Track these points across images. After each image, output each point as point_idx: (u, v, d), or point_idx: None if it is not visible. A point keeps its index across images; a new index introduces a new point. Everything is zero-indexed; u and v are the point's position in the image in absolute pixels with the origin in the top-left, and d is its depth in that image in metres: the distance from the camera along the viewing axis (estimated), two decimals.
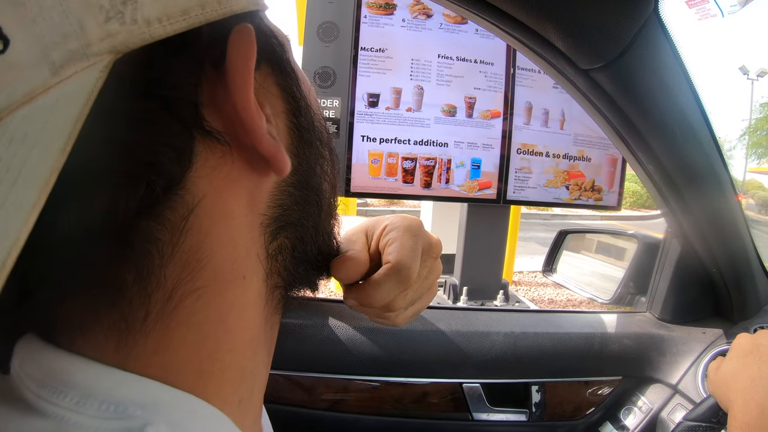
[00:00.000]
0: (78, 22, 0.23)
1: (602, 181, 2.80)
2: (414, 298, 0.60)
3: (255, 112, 0.32)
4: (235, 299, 0.34)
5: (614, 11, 0.60)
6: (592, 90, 0.73)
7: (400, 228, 0.57)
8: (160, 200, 0.29)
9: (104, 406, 0.28)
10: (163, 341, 0.30)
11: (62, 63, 0.23)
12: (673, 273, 1.08)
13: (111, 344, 0.29)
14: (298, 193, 0.39)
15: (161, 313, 0.30)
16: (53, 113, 0.23)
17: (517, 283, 5.95)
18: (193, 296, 0.31)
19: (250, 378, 0.38)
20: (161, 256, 0.29)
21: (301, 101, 0.40)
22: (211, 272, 0.32)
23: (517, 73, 2.62)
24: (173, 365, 0.31)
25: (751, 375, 0.71)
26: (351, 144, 2.40)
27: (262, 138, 0.32)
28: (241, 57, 0.31)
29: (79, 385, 0.28)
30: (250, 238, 0.35)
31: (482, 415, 1.00)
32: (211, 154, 0.31)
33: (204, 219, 0.31)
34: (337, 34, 2.34)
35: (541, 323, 1.07)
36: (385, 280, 0.54)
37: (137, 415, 0.28)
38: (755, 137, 27.77)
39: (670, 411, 1.00)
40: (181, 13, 0.27)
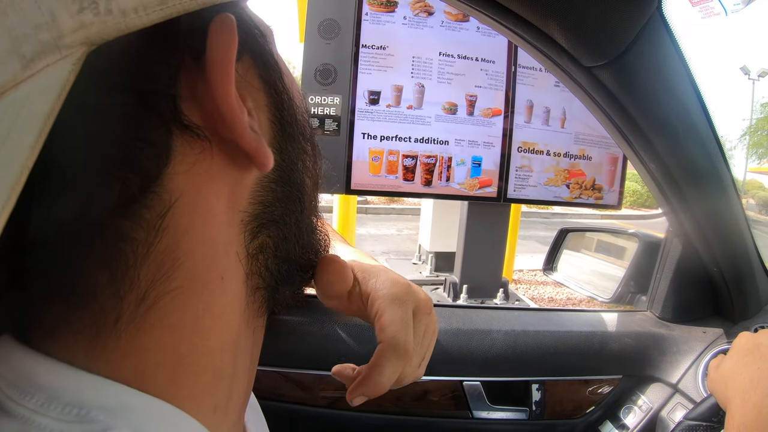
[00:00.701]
0: (50, 12, 0.22)
1: (603, 180, 2.80)
2: (419, 360, 0.59)
3: (236, 106, 0.31)
4: (212, 300, 0.33)
5: (618, 9, 0.60)
6: (594, 88, 0.72)
7: (387, 297, 0.56)
8: (135, 199, 0.28)
9: (67, 409, 0.27)
10: (135, 344, 0.29)
11: (33, 56, 0.22)
12: (674, 272, 1.08)
13: (81, 347, 0.29)
14: (280, 189, 0.38)
15: (134, 316, 0.29)
16: (24, 108, 0.22)
17: (517, 282, 5.95)
18: (167, 297, 0.30)
19: (228, 383, 0.37)
20: (135, 256, 0.29)
21: (284, 94, 0.39)
22: (187, 272, 0.31)
23: (518, 71, 2.62)
24: (145, 369, 0.30)
25: (750, 375, 0.70)
26: (351, 141, 2.40)
27: (244, 132, 0.31)
28: (221, 48, 0.29)
29: (45, 386, 0.27)
30: (229, 236, 0.34)
31: (482, 413, 1.00)
32: (190, 149, 0.30)
33: (181, 217, 0.30)
34: (339, 31, 2.34)
35: (541, 321, 1.07)
36: (386, 362, 0.52)
37: (100, 419, 0.27)
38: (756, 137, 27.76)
39: (670, 410, 1.00)
40: (158, 3, 0.25)
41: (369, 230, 9.15)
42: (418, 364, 0.58)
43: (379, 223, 10.02)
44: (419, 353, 0.58)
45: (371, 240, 8.29)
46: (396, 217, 10.94)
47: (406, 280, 0.60)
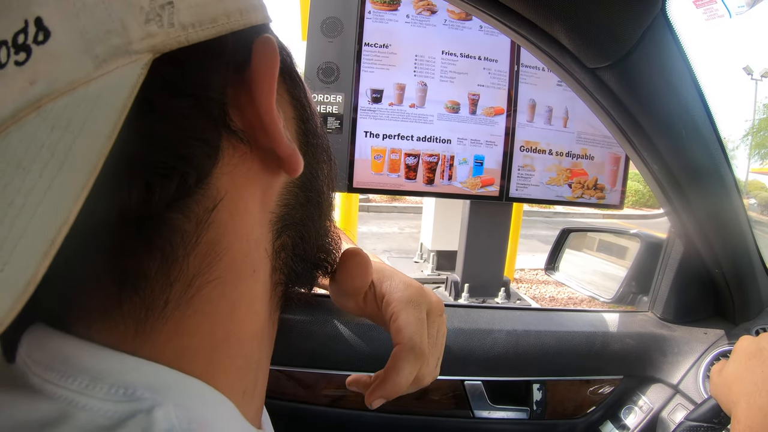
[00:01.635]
0: (120, 20, 0.25)
1: (605, 180, 2.80)
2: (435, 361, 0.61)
3: (276, 116, 0.34)
4: (246, 291, 0.36)
5: (622, 10, 0.60)
6: (598, 89, 0.72)
7: (401, 300, 0.59)
8: (190, 193, 0.30)
9: (113, 390, 0.28)
10: (179, 328, 0.32)
11: (105, 57, 0.25)
12: (676, 273, 1.08)
13: (130, 330, 0.30)
14: (303, 194, 0.41)
15: (180, 301, 0.31)
16: (98, 103, 0.25)
17: (518, 281, 5.95)
18: (209, 286, 0.33)
19: (255, 369, 0.39)
20: (185, 246, 0.31)
21: (308, 108, 0.42)
22: (227, 264, 0.33)
23: (521, 70, 2.62)
24: (186, 352, 0.32)
25: (754, 379, 0.70)
26: (354, 140, 2.40)
27: (282, 140, 0.34)
28: (266, 64, 0.33)
29: (89, 369, 0.29)
30: (260, 234, 0.37)
31: (483, 413, 1.00)
32: (234, 152, 0.33)
33: (224, 214, 0.33)
34: (341, 29, 2.34)
35: (543, 321, 1.07)
36: (403, 364, 0.55)
37: (146, 397, 0.29)
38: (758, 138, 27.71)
39: (670, 411, 1.00)
40: (210, 21, 0.29)
41: (371, 228, 9.15)
42: (435, 364, 0.61)
43: (380, 221, 10.02)
44: (434, 354, 0.61)
45: (373, 238, 8.29)
46: (398, 216, 10.95)
47: (419, 283, 0.62)
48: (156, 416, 0.28)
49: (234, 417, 0.34)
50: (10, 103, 0.24)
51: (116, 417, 0.27)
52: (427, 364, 0.58)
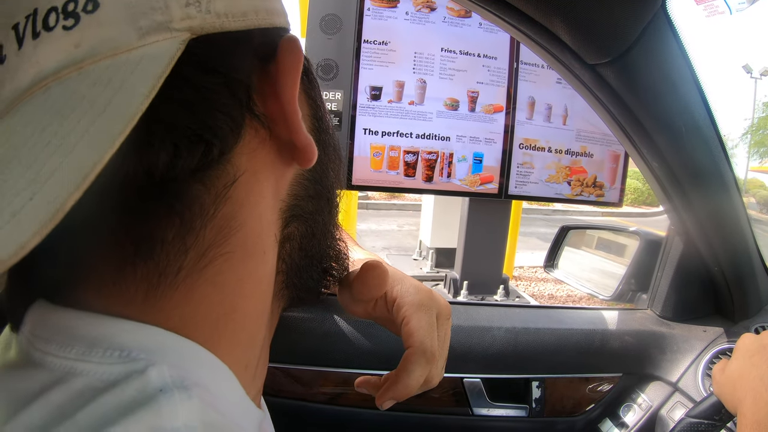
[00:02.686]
0: (164, 0, 0.29)
1: (604, 178, 2.80)
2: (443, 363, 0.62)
3: (297, 108, 0.36)
4: (254, 269, 0.37)
5: (622, 7, 0.60)
6: (598, 85, 0.72)
7: (413, 304, 0.60)
8: (212, 164, 0.32)
9: (108, 353, 0.29)
10: (188, 296, 0.33)
11: (149, 30, 0.28)
12: (675, 271, 1.07)
13: (140, 295, 0.32)
14: (312, 187, 0.43)
15: (192, 270, 0.33)
16: (138, 67, 0.27)
17: (517, 278, 5.95)
18: (222, 258, 0.34)
19: (258, 348, 0.41)
20: (203, 217, 0.32)
21: (321, 108, 0.45)
22: (240, 240, 0.35)
23: (520, 67, 2.62)
24: (192, 319, 0.33)
25: (759, 374, 0.71)
26: (353, 137, 2.40)
27: (301, 129, 0.37)
28: (292, 59, 0.36)
29: (86, 336, 0.30)
30: (271, 218, 0.39)
31: (482, 410, 1.00)
32: (255, 135, 0.35)
33: (241, 192, 0.34)
34: (340, 26, 2.34)
35: (542, 319, 1.07)
36: (415, 366, 0.57)
37: (141, 358, 0.29)
38: (757, 136, 27.65)
39: (669, 409, 1.00)
40: (241, 14, 0.32)
41: (370, 226, 9.15)
42: (442, 366, 0.62)
43: (379, 218, 10.02)
44: (442, 356, 0.62)
45: (372, 235, 8.30)
46: (397, 213, 10.94)
47: (428, 287, 0.64)
48: (150, 375, 0.29)
49: (232, 383, 0.35)
50: (53, 62, 0.27)
51: (111, 379, 0.28)
52: (437, 366, 0.59)
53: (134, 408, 0.27)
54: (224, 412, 0.32)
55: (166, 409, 0.27)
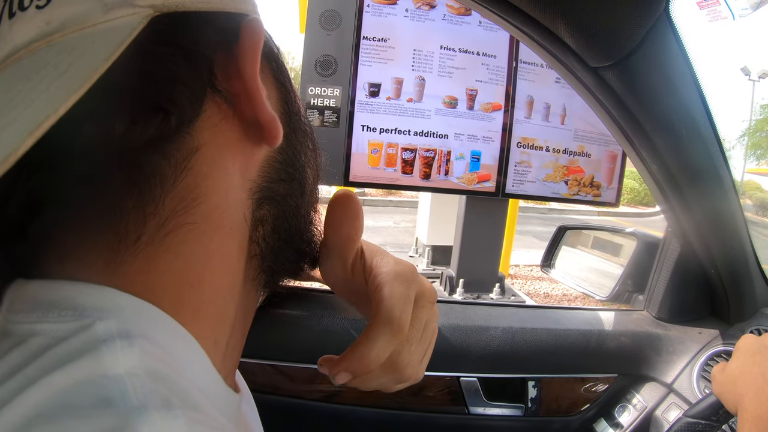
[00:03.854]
0: None
1: (601, 177, 2.81)
2: (422, 351, 0.55)
3: (259, 85, 0.37)
4: (221, 243, 0.38)
5: (626, 10, 0.60)
6: (599, 88, 0.72)
7: (389, 273, 0.53)
8: (170, 135, 0.33)
9: (64, 313, 0.30)
10: (150, 264, 0.34)
11: (113, 6, 0.30)
12: (672, 272, 1.08)
13: (101, 262, 0.33)
14: (284, 170, 0.43)
15: (152, 238, 0.33)
16: (101, 38, 0.30)
17: (513, 277, 5.96)
18: (185, 229, 0.35)
19: (227, 325, 0.41)
20: (163, 186, 0.33)
21: (291, 93, 0.45)
22: (203, 213, 0.35)
23: (519, 66, 2.61)
24: (155, 287, 0.34)
25: (761, 370, 0.71)
26: (351, 133, 2.40)
27: (263, 106, 0.37)
28: (252, 38, 0.36)
29: (45, 301, 0.31)
30: (239, 197, 0.39)
31: (478, 409, 1.01)
32: (217, 111, 0.36)
33: (203, 165, 0.35)
34: (340, 22, 2.33)
35: (539, 319, 1.07)
36: (377, 336, 0.49)
37: (92, 315, 0.30)
38: (754, 138, 27.74)
39: (664, 410, 1.01)
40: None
41: (366, 222, 8.98)
42: (420, 357, 0.55)
43: (376, 215, 10.02)
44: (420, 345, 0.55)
45: (368, 232, 8.29)
46: (393, 210, 10.95)
47: (413, 265, 0.57)
48: (96, 328, 0.30)
49: (194, 350, 0.35)
50: (26, 37, 0.30)
51: (60, 335, 0.29)
52: (409, 350, 0.52)
53: (75, 357, 0.28)
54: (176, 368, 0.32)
55: (107, 356, 0.28)
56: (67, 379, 0.27)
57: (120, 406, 0.26)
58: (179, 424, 0.26)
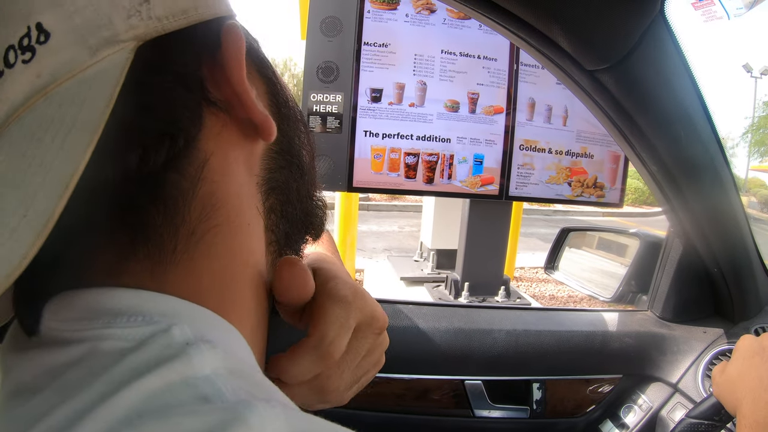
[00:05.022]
0: (107, 17, 0.31)
1: (604, 178, 2.80)
2: (353, 379, 0.54)
3: (248, 88, 0.38)
4: (243, 240, 0.40)
5: (621, 13, 0.61)
6: (597, 91, 0.73)
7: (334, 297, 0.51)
8: (181, 153, 0.35)
9: (132, 319, 0.32)
10: (190, 269, 0.36)
11: (98, 47, 0.31)
12: (675, 272, 1.08)
13: (147, 273, 0.34)
14: (282, 159, 0.46)
15: (187, 246, 0.36)
16: (95, 82, 0.30)
17: (518, 279, 5.96)
18: (211, 233, 0.37)
19: (257, 313, 0.43)
20: (184, 199, 0.35)
21: (277, 84, 0.47)
22: (223, 214, 0.38)
23: (520, 69, 2.62)
24: (199, 289, 0.36)
25: (759, 374, 0.71)
26: (353, 139, 2.40)
27: (254, 107, 0.39)
28: (234, 45, 0.38)
29: (110, 308, 0.32)
30: (250, 192, 0.42)
31: (483, 412, 1.01)
32: (216, 120, 0.38)
33: (214, 173, 0.37)
34: (340, 28, 2.34)
35: (543, 321, 1.07)
36: (301, 356, 0.48)
37: (162, 320, 0.32)
38: (758, 135, 27.60)
39: (669, 409, 1.01)
40: (181, 12, 0.34)
41: (371, 227, 9.15)
42: (350, 384, 0.54)
43: (380, 220, 10.03)
44: (355, 371, 0.54)
45: (373, 237, 8.30)
46: (398, 214, 10.95)
47: (364, 291, 0.56)
48: (173, 332, 0.31)
49: (242, 343, 0.37)
50: (21, 94, 0.30)
51: (137, 339, 0.31)
52: (340, 376, 0.51)
53: (164, 361, 0.29)
54: (247, 364, 0.35)
55: (195, 359, 0.30)
56: (160, 381, 0.28)
57: (218, 403, 0.27)
58: (278, 413, 0.27)
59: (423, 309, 1.05)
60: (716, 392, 0.77)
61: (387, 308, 1.02)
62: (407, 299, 1.06)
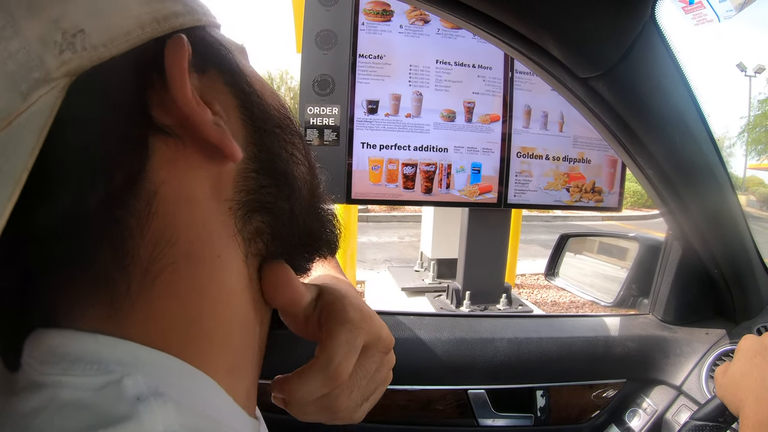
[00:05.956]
0: (38, 57, 0.29)
1: (602, 183, 2.81)
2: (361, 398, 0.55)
3: (196, 106, 0.35)
4: (212, 274, 0.37)
5: (611, 20, 0.61)
6: (590, 98, 0.73)
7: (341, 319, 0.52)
8: (124, 189, 0.33)
9: (89, 367, 0.31)
10: (149, 311, 0.34)
11: (29, 91, 0.29)
12: (675, 274, 1.08)
13: (105, 317, 0.33)
14: (264, 178, 0.42)
15: (141, 286, 0.34)
16: (26, 129, 0.29)
17: (519, 286, 5.95)
18: (168, 271, 0.35)
19: (241, 350, 0.41)
20: (132, 237, 0.33)
21: (252, 96, 0.43)
22: (181, 250, 0.35)
23: (515, 76, 2.62)
24: (161, 332, 0.34)
25: (761, 375, 0.71)
26: (351, 151, 2.41)
27: (207, 127, 0.36)
28: (175, 61, 0.35)
29: (69, 353, 0.32)
30: (220, 221, 0.38)
31: (488, 421, 1.00)
32: (167, 148, 0.35)
33: (168, 205, 0.35)
34: (335, 41, 2.35)
35: (544, 328, 1.07)
36: (309, 378, 0.49)
37: (116, 370, 0.31)
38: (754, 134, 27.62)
39: (674, 412, 1.01)
40: (124, 35, 0.32)
41: (370, 238, 9.15)
42: (359, 402, 0.55)
43: (380, 231, 10.03)
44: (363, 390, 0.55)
45: (373, 248, 8.29)
46: (397, 225, 10.95)
47: (372, 311, 0.57)
48: (125, 384, 0.31)
49: (212, 389, 0.36)
50: None
51: (92, 388, 0.30)
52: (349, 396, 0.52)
53: (116, 421, 0.29)
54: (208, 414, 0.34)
55: (146, 418, 0.30)
56: None
57: None
58: None
59: (424, 320, 1.05)
60: (719, 393, 0.77)
61: (388, 320, 1.02)
62: (408, 310, 1.06)
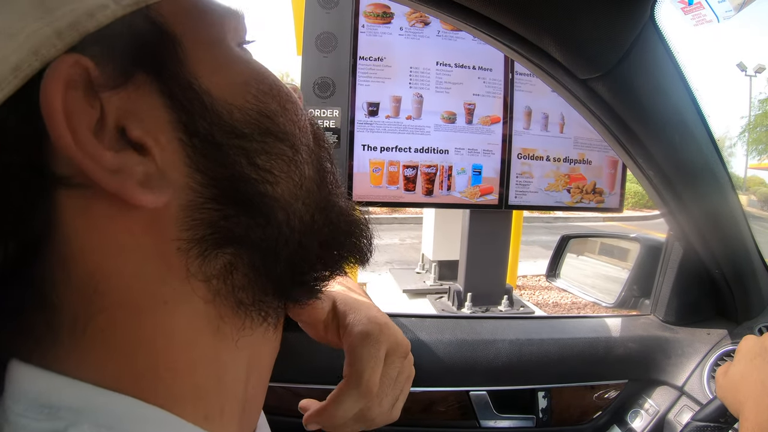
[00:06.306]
0: None
1: (603, 184, 2.80)
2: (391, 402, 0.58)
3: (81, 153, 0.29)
4: (159, 323, 0.34)
5: (611, 21, 0.61)
6: (590, 99, 0.73)
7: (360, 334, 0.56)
8: (35, 249, 0.31)
9: (41, 410, 0.30)
10: (93, 358, 0.32)
11: None
12: (676, 275, 1.08)
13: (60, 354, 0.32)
14: (226, 208, 0.35)
15: (74, 338, 0.32)
16: None
17: (521, 288, 5.94)
18: (100, 319, 0.32)
19: (215, 395, 0.37)
20: (55, 290, 0.31)
21: (195, 102, 0.34)
22: (114, 300, 0.32)
23: (515, 78, 2.62)
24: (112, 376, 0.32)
25: (761, 377, 0.71)
26: (352, 153, 2.41)
27: (99, 176, 0.30)
28: (46, 100, 0.28)
29: (28, 392, 0.31)
30: (164, 265, 0.34)
31: (489, 422, 1.00)
32: (75, 198, 0.31)
33: (91, 255, 0.31)
34: (336, 44, 2.35)
35: (545, 329, 1.07)
36: (345, 397, 0.53)
37: (65, 417, 0.30)
38: (755, 134, 27.62)
39: (676, 412, 1.01)
40: (11, 72, 0.26)
41: None
42: (390, 406, 0.58)
43: (381, 233, 9.83)
44: (391, 395, 0.58)
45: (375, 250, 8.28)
46: (398, 227, 10.95)
47: (386, 319, 0.59)
48: None
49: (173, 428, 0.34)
50: None
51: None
52: (379, 404, 0.55)
53: None
54: None
55: None
56: None
57: None
58: None
59: (426, 321, 1.05)
60: (719, 394, 0.77)
61: None
62: (409, 312, 1.06)
